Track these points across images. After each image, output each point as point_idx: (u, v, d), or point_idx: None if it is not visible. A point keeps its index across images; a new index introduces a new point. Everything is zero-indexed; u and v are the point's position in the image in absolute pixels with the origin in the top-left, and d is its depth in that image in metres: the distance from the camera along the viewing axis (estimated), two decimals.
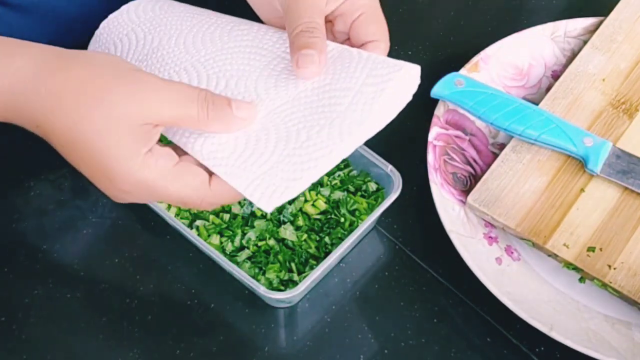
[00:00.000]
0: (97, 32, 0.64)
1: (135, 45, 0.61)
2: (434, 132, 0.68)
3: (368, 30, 0.59)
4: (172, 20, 0.62)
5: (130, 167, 0.50)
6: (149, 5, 0.63)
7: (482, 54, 0.73)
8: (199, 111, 0.51)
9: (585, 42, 0.74)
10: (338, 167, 0.68)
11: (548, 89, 0.72)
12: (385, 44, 0.59)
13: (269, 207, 0.51)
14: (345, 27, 0.60)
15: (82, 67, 0.51)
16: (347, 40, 0.60)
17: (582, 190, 0.66)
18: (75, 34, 0.74)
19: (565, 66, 0.73)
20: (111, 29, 0.63)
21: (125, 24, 0.62)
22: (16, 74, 0.51)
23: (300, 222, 0.65)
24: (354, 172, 0.68)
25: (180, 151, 0.54)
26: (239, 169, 0.52)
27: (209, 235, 0.65)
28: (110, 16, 0.63)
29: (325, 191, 0.67)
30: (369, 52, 0.57)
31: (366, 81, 0.54)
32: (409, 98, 0.55)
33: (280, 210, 0.66)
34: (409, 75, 0.55)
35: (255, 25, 0.61)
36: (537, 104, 0.70)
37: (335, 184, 0.67)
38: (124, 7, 0.63)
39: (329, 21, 0.60)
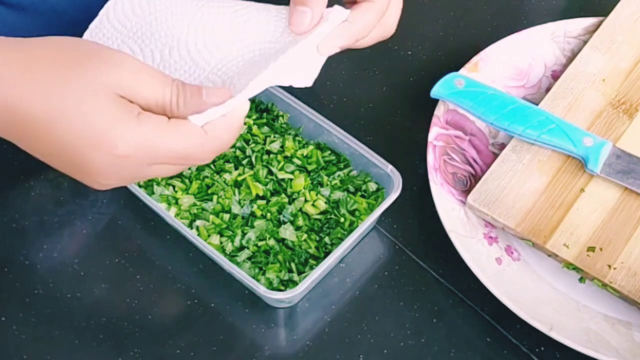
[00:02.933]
0: None
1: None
2: (434, 132, 0.68)
3: None
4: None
5: (128, 126, 0.49)
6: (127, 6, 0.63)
7: (482, 54, 0.73)
8: (171, 98, 0.51)
9: (585, 42, 0.74)
10: (338, 167, 0.68)
11: (548, 89, 0.72)
12: (378, 8, 0.58)
13: (308, 82, 0.55)
14: None
15: (55, 46, 0.50)
16: None
17: (582, 190, 0.66)
18: (74, 33, 0.74)
19: (565, 66, 0.73)
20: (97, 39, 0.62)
21: (111, 34, 0.62)
22: None
23: (300, 222, 0.65)
24: (354, 172, 0.68)
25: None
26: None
27: (209, 235, 0.65)
28: (91, 26, 0.62)
29: (325, 191, 0.67)
30: (356, 14, 0.57)
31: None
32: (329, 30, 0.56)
33: (280, 210, 0.66)
34: (336, 17, 0.56)
35: None
36: (537, 104, 0.70)
37: (335, 184, 0.67)
38: (101, 13, 0.62)
39: None
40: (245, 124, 0.70)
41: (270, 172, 0.68)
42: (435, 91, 0.69)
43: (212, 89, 0.53)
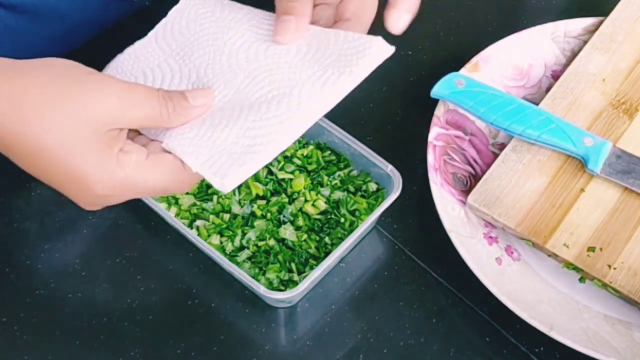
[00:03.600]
0: (120, 57, 0.63)
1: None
2: (434, 132, 0.68)
3: (352, 5, 0.58)
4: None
5: (106, 169, 0.49)
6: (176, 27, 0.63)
7: (482, 54, 0.73)
8: (161, 110, 0.51)
9: (585, 42, 0.74)
10: (338, 167, 0.68)
11: (548, 89, 0.72)
12: (363, 25, 0.58)
13: (224, 187, 0.50)
14: None
15: (40, 74, 0.50)
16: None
17: (582, 190, 0.66)
18: (76, 37, 0.74)
19: (565, 66, 0.73)
20: (138, 56, 0.62)
21: (155, 52, 0.62)
22: None
23: (300, 222, 0.65)
24: (354, 172, 0.68)
25: (142, 140, 0.54)
26: (197, 147, 0.52)
27: (209, 235, 0.65)
28: (137, 44, 0.63)
29: (325, 191, 0.67)
30: (344, 29, 0.57)
31: (335, 57, 0.54)
32: (371, 69, 0.55)
33: (280, 210, 0.66)
34: (378, 52, 0.54)
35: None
36: (537, 104, 0.70)
37: (335, 184, 0.67)
38: (151, 33, 0.63)
39: None
40: None
41: (270, 172, 0.68)
42: (435, 91, 0.69)
43: (195, 92, 0.53)
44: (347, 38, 0.55)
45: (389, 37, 0.63)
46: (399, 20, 0.57)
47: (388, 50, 0.54)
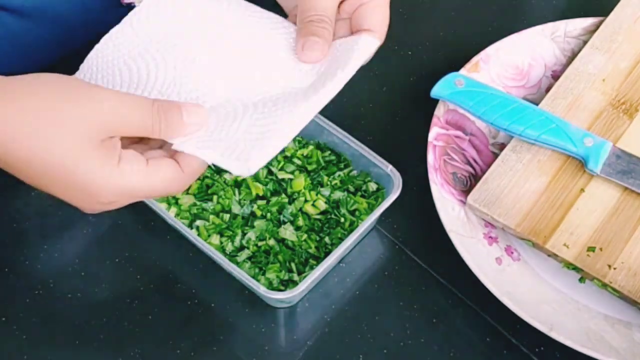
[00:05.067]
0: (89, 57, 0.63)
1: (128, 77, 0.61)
2: (434, 132, 0.69)
3: (366, 20, 0.59)
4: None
5: (109, 179, 0.51)
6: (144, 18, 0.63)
7: (482, 54, 0.73)
8: (153, 124, 0.52)
9: (585, 42, 0.74)
10: (338, 167, 0.68)
11: (548, 89, 0.72)
12: (379, 36, 0.59)
13: (249, 170, 0.52)
14: (351, 9, 0.60)
15: (31, 97, 0.51)
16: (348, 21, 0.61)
17: (582, 190, 0.66)
18: (76, 38, 0.74)
19: (565, 66, 0.73)
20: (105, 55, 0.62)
21: (132, 40, 0.62)
22: None
23: (300, 222, 0.65)
24: (354, 172, 0.68)
25: (138, 147, 0.55)
26: (212, 142, 0.53)
27: (209, 235, 0.65)
28: (113, 31, 0.62)
29: (325, 191, 0.67)
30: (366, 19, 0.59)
31: (332, 54, 0.57)
32: (362, 62, 0.58)
33: (280, 210, 0.66)
34: (365, 46, 0.58)
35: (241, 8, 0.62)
36: (537, 104, 0.70)
37: (335, 184, 0.67)
38: (126, 20, 0.62)
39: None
40: None
41: (270, 172, 0.68)
42: (435, 91, 0.69)
43: (191, 108, 0.54)
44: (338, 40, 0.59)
45: (388, 38, 0.63)
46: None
47: (373, 43, 0.58)
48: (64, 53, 0.74)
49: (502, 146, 0.69)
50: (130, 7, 0.73)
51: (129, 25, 0.62)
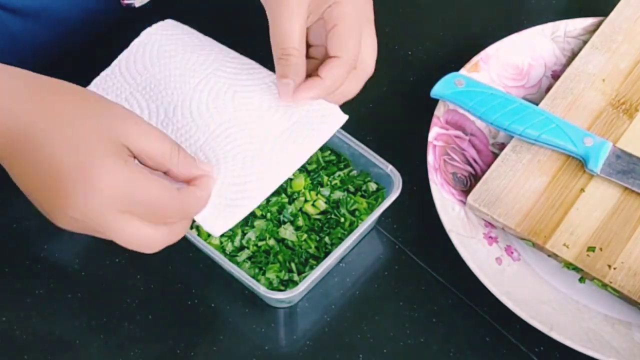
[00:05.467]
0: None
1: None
2: (434, 132, 0.69)
3: (333, 45, 0.60)
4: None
5: (116, 163, 0.50)
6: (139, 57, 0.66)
7: (482, 54, 0.73)
8: (172, 152, 0.53)
9: (585, 42, 0.74)
10: (338, 167, 0.68)
11: (548, 89, 0.72)
12: (345, 63, 0.60)
13: (216, 232, 0.57)
14: (324, 33, 0.61)
15: (70, 91, 0.53)
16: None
17: (582, 190, 0.66)
18: (76, 39, 0.74)
19: (565, 66, 0.73)
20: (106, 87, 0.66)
21: (120, 84, 0.65)
22: None
23: (300, 222, 0.65)
24: (354, 172, 0.68)
25: None
26: None
27: (209, 235, 0.65)
28: (102, 74, 0.66)
29: (325, 191, 0.67)
30: (325, 70, 0.60)
31: (300, 119, 0.60)
32: (331, 134, 0.61)
33: (280, 210, 0.66)
34: (338, 120, 0.61)
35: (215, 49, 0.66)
36: (537, 104, 0.70)
37: (335, 184, 0.67)
38: (114, 64, 0.66)
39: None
40: None
41: None
42: (435, 91, 0.69)
43: (204, 164, 0.57)
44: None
45: (388, 38, 0.63)
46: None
47: (342, 119, 0.61)
48: (64, 53, 0.74)
49: (502, 146, 0.69)
50: (129, 7, 0.73)
51: (118, 69, 0.65)
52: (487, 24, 0.81)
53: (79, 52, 0.75)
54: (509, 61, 0.73)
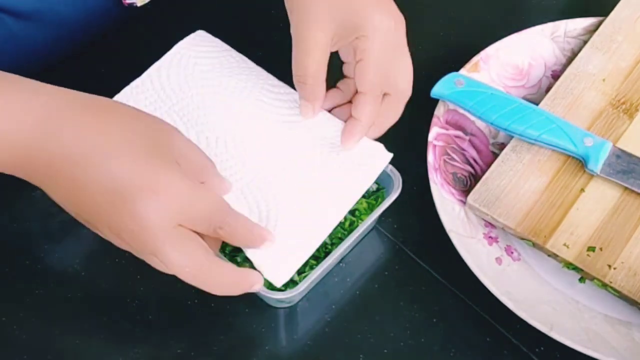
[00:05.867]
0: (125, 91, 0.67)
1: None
2: (434, 132, 0.69)
3: (359, 80, 0.62)
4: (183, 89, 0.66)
5: (174, 176, 0.52)
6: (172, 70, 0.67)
7: (482, 54, 0.73)
8: (211, 163, 0.57)
9: (585, 42, 0.74)
10: None
11: (548, 89, 0.72)
12: (372, 99, 0.62)
13: (279, 282, 0.58)
14: (354, 56, 0.63)
15: (109, 108, 0.54)
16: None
17: (582, 190, 0.66)
18: (77, 40, 0.74)
19: (565, 66, 0.73)
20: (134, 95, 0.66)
21: (153, 99, 0.66)
22: (40, 110, 0.52)
23: None
24: None
25: None
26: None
27: None
28: (133, 84, 0.66)
29: None
30: (357, 110, 0.62)
31: (347, 159, 0.62)
32: (378, 174, 0.63)
33: None
34: (383, 159, 0.63)
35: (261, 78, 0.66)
36: (537, 104, 0.70)
37: None
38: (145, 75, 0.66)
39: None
40: None
41: None
42: (435, 91, 0.69)
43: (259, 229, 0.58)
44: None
45: None
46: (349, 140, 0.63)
47: (387, 157, 0.63)
48: (65, 54, 0.74)
49: (502, 146, 0.69)
50: (131, 7, 0.73)
51: (150, 82, 0.65)
52: (487, 24, 0.81)
53: (81, 52, 0.75)
54: (509, 61, 0.73)
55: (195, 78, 0.65)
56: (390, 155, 0.63)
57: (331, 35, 0.60)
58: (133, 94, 0.65)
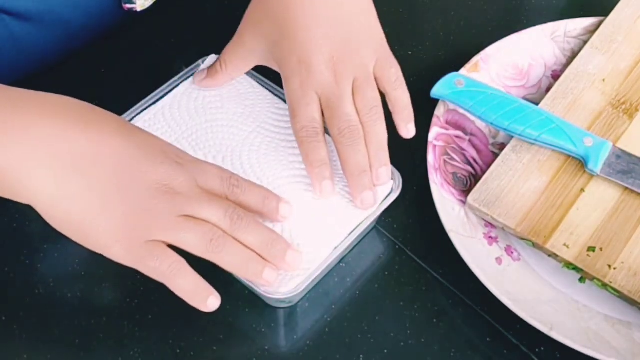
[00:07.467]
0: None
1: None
2: (434, 132, 0.69)
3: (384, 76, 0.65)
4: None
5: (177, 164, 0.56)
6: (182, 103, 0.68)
7: (482, 54, 0.73)
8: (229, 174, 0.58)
9: (585, 42, 0.74)
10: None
11: (548, 89, 0.72)
12: (400, 91, 0.65)
13: (285, 294, 0.59)
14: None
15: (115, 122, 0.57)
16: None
17: (582, 190, 0.66)
18: (77, 41, 0.74)
19: (565, 66, 0.73)
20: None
21: (165, 130, 0.67)
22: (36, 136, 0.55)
23: None
24: None
25: None
26: None
27: None
28: (145, 117, 0.68)
29: None
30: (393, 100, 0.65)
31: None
32: (385, 195, 0.64)
33: None
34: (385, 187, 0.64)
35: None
36: (537, 104, 0.70)
37: None
38: (157, 108, 0.68)
39: None
40: None
41: None
42: (435, 91, 0.69)
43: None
44: None
45: (388, 38, 0.62)
46: (406, 131, 0.65)
47: (389, 186, 0.64)
48: (66, 56, 0.74)
49: (502, 146, 0.69)
50: (130, 12, 0.73)
51: (162, 114, 0.67)
52: (487, 24, 0.81)
53: (81, 55, 0.75)
54: (509, 61, 0.74)
55: (207, 110, 0.67)
56: (398, 175, 0.64)
57: (312, 100, 0.63)
58: (146, 127, 0.66)
